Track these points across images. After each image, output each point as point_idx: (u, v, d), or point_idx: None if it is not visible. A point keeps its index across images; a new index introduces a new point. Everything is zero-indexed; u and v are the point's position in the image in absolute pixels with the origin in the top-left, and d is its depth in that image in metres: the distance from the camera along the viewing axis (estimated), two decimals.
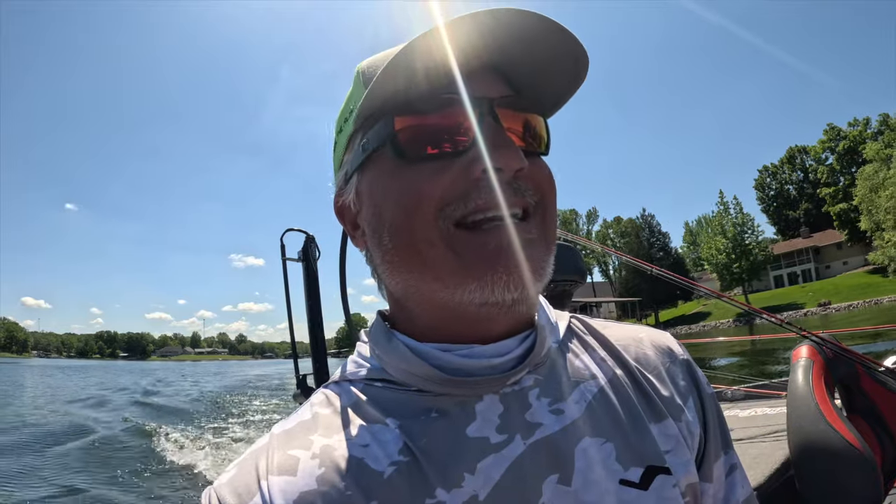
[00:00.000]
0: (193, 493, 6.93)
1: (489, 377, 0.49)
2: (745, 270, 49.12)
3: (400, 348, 0.51)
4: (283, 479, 0.45)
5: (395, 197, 0.48)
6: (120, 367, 77.01)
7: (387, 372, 0.52)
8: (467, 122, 0.47)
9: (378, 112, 0.49)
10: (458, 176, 0.46)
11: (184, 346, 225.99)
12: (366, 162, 0.51)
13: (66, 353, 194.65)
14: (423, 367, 0.49)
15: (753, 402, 3.31)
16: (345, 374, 0.56)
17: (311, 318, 1.99)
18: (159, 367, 77.38)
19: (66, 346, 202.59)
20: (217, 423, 13.12)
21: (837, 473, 1.74)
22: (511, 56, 0.49)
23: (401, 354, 0.51)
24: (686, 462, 0.52)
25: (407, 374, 0.50)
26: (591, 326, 0.62)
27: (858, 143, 47.89)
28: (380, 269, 0.54)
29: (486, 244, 0.46)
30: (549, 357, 0.55)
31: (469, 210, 0.46)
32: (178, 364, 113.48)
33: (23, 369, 57.45)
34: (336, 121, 0.58)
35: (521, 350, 0.51)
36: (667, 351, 0.61)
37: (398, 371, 0.51)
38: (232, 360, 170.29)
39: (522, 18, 0.44)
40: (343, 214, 0.57)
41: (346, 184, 0.55)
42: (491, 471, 0.46)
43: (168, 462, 8.67)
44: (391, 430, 0.48)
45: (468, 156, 0.47)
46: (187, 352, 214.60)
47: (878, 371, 2.29)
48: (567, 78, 0.52)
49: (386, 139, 0.48)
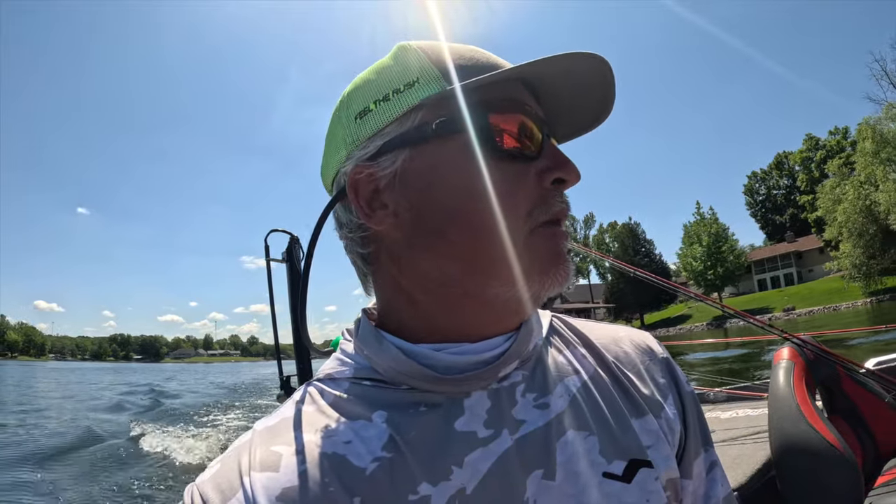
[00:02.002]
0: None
1: (478, 371, 0.48)
2: (719, 277, 50.58)
3: (391, 350, 0.49)
4: (265, 475, 0.44)
5: (478, 191, 0.46)
6: (140, 369, 76.71)
7: (375, 371, 0.50)
8: (539, 134, 0.49)
9: (468, 99, 0.47)
10: (535, 182, 0.48)
11: (196, 348, 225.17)
12: (428, 141, 0.48)
13: (80, 356, 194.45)
14: (413, 366, 0.48)
15: (735, 403, 3.28)
16: (330, 371, 0.54)
17: (295, 318, 1.93)
18: (179, 369, 76.62)
19: (81, 349, 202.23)
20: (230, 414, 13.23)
21: (818, 474, 1.72)
22: (552, 82, 0.51)
23: (392, 356, 0.49)
24: (667, 457, 0.51)
25: (396, 374, 0.49)
26: (571, 325, 0.61)
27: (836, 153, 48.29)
28: (405, 257, 0.50)
29: (557, 244, 0.48)
30: (534, 353, 0.54)
31: (550, 217, 0.48)
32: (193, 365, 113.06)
33: (48, 371, 56.75)
34: (369, 85, 0.51)
35: (508, 345, 0.51)
36: (646, 349, 0.60)
37: (388, 370, 0.49)
38: (244, 362, 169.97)
39: (594, 64, 0.47)
40: (358, 188, 0.50)
41: (378, 156, 0.49)
42: (478, 464, 0.45)
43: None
44: (376, 426, 0.47)
45: (540, 164, 0.48)
46: (200, 354, 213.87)
47: (858, 373, 2.29)
48: (588, 117, 0.54)
49: (475, 127, 0.47)
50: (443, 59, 0.49)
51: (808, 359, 2.15)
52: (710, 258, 50.53)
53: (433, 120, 0.47)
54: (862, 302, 36.94)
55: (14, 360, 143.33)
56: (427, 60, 0.50)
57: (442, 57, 0.49)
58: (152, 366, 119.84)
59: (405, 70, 0.50)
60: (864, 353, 7.92)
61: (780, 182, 62.80)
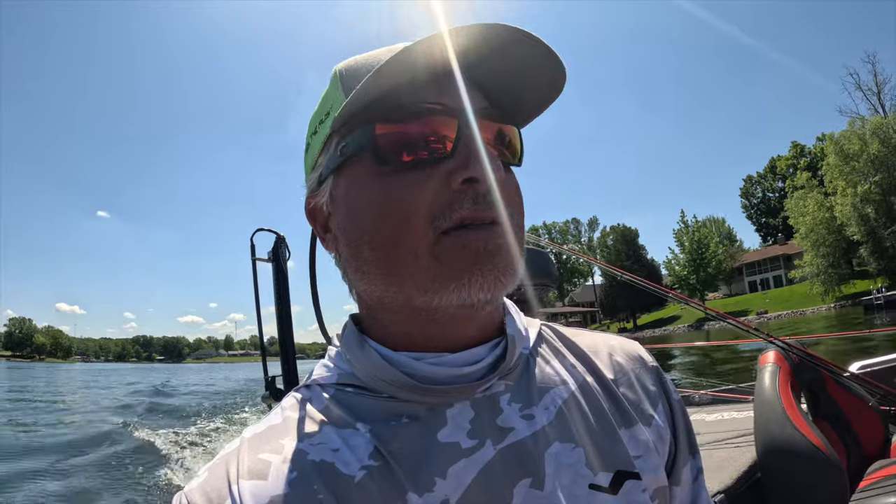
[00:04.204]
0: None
1: (459, 386, 0.46)
2: (701, 282, 51.93)
3: (372, 355, 0.48)
4: (253, 483, 0.42)
5: (378, 208, 0.45)
6: (170, 369, 76.41)
7: (357, 377, 0.49)
8: (448, 132, 0.44)
9: (358, 117, 0.45)
10: (441, 186, 0.44)
11: (217, 348, 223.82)
12: (342, 166, 0.48)
13: (104, 358, 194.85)
14: (394, 374, 0.46)
15: (721, 406, 3.22)
16: (316, 377, 0.52)
17: (281, 319, 1.86)
18: (204, 368, 76.79)
19: (104, 351, 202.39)
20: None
21: (804, 476, 1.69)
22: (489, 67, 0.46)
23: (372, 361, 0.48)
24: (655, 467, 0.50)
25: (378, 381, 0.47)
26: (561, 334, 0.59)
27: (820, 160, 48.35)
28: (352, 276, 0.50)
29: (466, 247, 0.43)
30: (520, 363, 0.52)
31: (454, 222, 0.43)
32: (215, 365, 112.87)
33: (84, 373, 56.38)
34: (310, 121, 0.53)
35: (491, 358, 0.49)
36: (637, 358, 0.58)
37: (369, 377, 0.48)
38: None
39: (500, 32, 0.42)
40: (315, 216, 0.52)
41: (319, 186, 0.51)
42: (462, 475, 0.43)
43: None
44: (362, 435, 0.45)
45: (448, 165, 0.44)
46: (221, 354, 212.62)
47: (843, 376, 2.25)
48: (544, 89, 0.49)
49: (366, 145, 0.45)
50: (352, 77, 0.47)
51: (793, 362, 2.11)
52: (691, 264, 51.89)
53: (340, 145, 0.47)
54: (826, 307, 37.85)
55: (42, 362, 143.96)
56: (339, 83, 0.49)
57: (354, 75, 0.48)
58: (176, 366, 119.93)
59: (326, 98, 0.50)
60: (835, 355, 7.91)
61: (775, 185, 62.63)
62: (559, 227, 69.81)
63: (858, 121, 36.82)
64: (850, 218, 35.08)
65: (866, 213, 34.45)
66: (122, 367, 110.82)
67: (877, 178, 33.93)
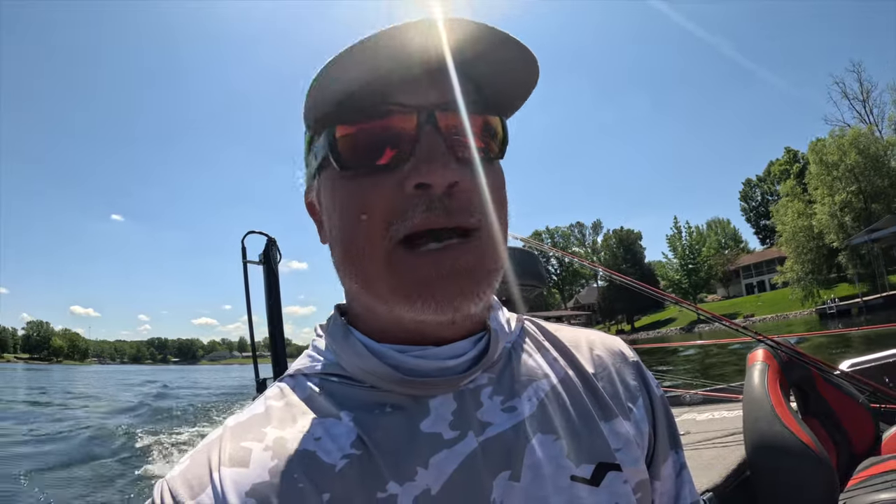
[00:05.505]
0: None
1: (443, 378, 0.46)
2: (692, 285, 53.66)
3: (357, 346, 0.47)
4: (235, 470, 0.41)
5: (339, 210, 0.45)
6: (186, 370, 76.79)
7: (342, 367, 0.48)
8: (406, 133, 0.42)
9: (328, 117, 0.44)
10: (394, 192, 0.41)
11: (231, 350, 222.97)
12: (319, 168, 0.47)
13: (119, 360, 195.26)
14: (378, 365, 0.45)
15: (711, 405, 3.18)
16: (300, 367, 0.51)
17: (271, 320, 1.83)
18: (220, 369, 77.08)
19: (120, 353, 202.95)
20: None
21: (793, 474, 1.65)
22: (461, 58, 0.43)
23: (357, 352, 0.47)
24: (636, 459, 0.49)
25: (362, 371, 0.46)
26: (543, 328, 0.58)
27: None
28: (337, 270, 0.50)
29: (418, 268, 0.41)
30: (503, 357, 0.51)
31: (409, 230, 0.41)
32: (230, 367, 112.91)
33: (103, 374, 56.50)
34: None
35: (475, 351, 0.48)
36: (617, 353, 0.57)
37: (353, 367, 0.47)
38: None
39: (463, 26, 0.40)
40: (312, 211, 0.53)
41: (312, 181, 0.51)
42: (443, 466, 0.42)
43: None
44: (344, 424, 0.44)
45: (403, 170, 0.41)
46: (235, 356, 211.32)
47: (832, 374, 2.21)
48: (518, 81, 0.47)
49: (329, 148, 0.44)
50: (320, 75, 0.45)
51: (782, 360, 2.07)
52: (683, 268, 53.50)
53: (314, 147, 0.48)
54: (808, 311, 38.29)
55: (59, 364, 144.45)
56: (317, 81, 0.46)
57: (322, 73, 0.45)
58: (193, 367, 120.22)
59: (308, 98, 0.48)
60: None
61: (773, 189, 62.25)
62: (562, 232, 69.76)
63: (838, 130, 37.10)
64: (829, 226, 35.40)
65: (844, 222, 34.73)
66: (141, 368, 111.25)
67: (853, 188, 34.25)
